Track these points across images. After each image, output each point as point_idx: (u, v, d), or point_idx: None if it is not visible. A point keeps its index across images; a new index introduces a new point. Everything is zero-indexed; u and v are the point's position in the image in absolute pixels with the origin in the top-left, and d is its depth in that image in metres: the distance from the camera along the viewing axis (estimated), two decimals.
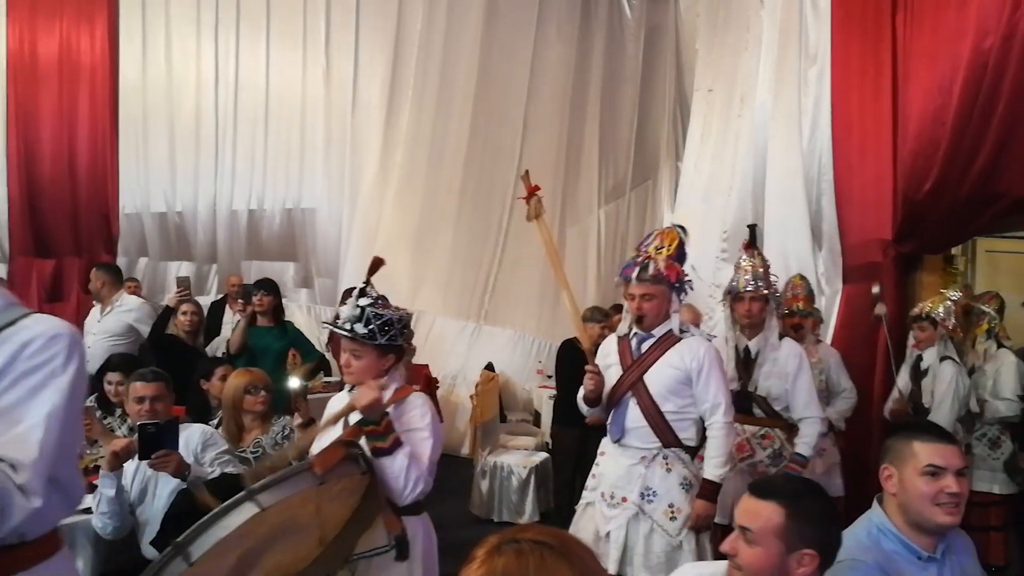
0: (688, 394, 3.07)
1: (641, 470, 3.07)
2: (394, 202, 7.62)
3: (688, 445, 3.12)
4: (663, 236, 3.14)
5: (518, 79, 7.52)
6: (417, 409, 2.53)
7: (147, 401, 3.22)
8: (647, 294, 3.06)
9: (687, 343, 3.09)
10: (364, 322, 2.49)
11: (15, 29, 7.83)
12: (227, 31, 7.92)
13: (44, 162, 7.85)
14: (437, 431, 2.55)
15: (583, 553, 1.07)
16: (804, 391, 3.52)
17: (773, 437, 3.57)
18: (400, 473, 2.37)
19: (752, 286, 3.51)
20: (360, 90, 7.78)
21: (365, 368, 2.52)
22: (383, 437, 2.37)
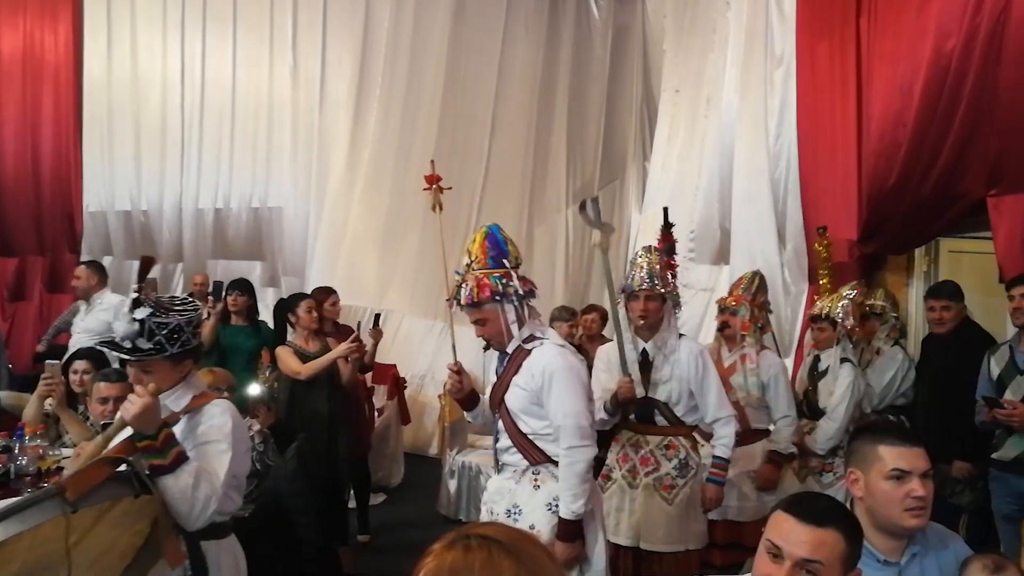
0: (542, 414, 2.78)
1: (511, 485, 2.87)
2: (361, 201, 7.58)
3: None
4: (471, 245, 2.82)
5: (486, 78, 7.52)
6: (216, 419, 2.25)
7: (111, 402, 3.20)
8: (477, 320, 2.78)
9: (533, 358, 2.78)
10: (147, 336, 2.19)
11: None
12: (193, 28, 7.82)
13: (7, 160, 7.73)
14: (241, 443, 2.30)
15: (535, 551, 1.07)
16: (714, 391, 3.32)
17: (677, 447, 3.36)
18: (185, 493, 2.07)
19: (647, 284, 3.27)
20: (327, 88, 7.70)
21: (160, 382, 2.20)
22: (161, 453, 2.06)
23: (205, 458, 2.17)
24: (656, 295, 3.27)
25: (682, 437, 3.38)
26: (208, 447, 2.20)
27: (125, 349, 2.20)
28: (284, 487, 3.55)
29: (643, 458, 3.37)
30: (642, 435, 3.38)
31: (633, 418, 3.41)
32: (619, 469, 3.42)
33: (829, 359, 4.06)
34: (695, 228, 6.02)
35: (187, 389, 2.29)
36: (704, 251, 6.01)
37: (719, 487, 3.33)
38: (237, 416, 2.31)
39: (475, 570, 1.02)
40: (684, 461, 3.34)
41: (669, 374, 3.31)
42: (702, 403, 3.33)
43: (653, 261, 3.34)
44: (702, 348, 3.42)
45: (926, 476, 1.82)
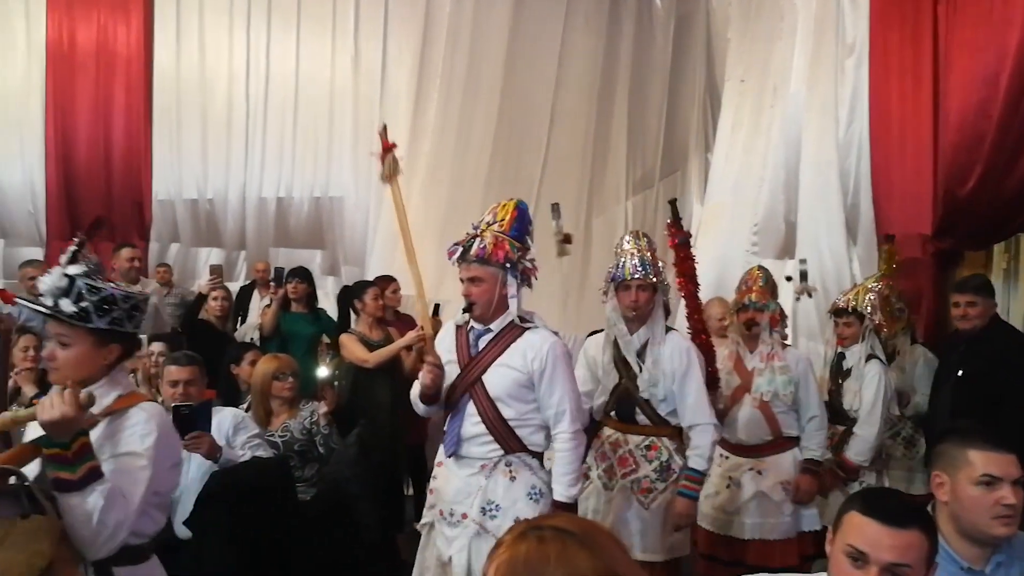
0: (532, 398, 2.67)
1: (481, 481, 2.66)
2: (421, 191, 7.61)
3: (535, 451, 2.72)
4: (497, 209, 2.72)
5: (546, 69, 7.48)
6: (138, 427, 1.91)
7: (181, 385, 3.27)
8: (474, 277, 2.64)
9: (529, 339, 2.66)
10: (74, 297, 1.88)
11: (54, 19, 7.95)
12: (259, 21, 7.95)
13: (80, 149, 7.97)
14: (166, 457, 1.98)
15: (608, 544, 1.06)
16: (693, 393, 3.07)
17: (659, 447, 3.15)
18: (90, 516, 1.73)
19: (640, 273, 3.09)
20: (388, 79, 7.77)
21: (75, 361, 1.92)
22: (71, 466, 1.72)
23: (121, 475, 1.85)
24: (647, 284, 3.09)
25: (666, 438, 3.16)
26: (126, 461, 1.88)
27: (45, 306, 1.90)
28: (344, 472, 3.59)
29: (621, 458, 3.16)
30: (623, 434, 3.19)
31: (614, 415, 3.23)
32: (596, 468, 3.24)
33: (855, 356, 3.79)
34: (759, 221, 5.89)
35: (112, 385, 1.97)
36: (768, 245, 5.88)
37: (690, 502, 3.06)
38: (165, 424, 2.01)
39: (550, 561, 1.00)
40: (666, 464, 3.13)
41: (652, 369, 3.10)
42: (680, 405, 3.10)
43: (644, 248, 3.16)
44: (690, 345, 3.19)
45: (1017, 483, 1.74)
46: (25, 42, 8.07)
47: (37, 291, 1.96)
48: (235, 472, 3.08)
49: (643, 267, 3.09)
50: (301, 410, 3.71)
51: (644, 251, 3.13)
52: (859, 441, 3.70)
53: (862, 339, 3.77)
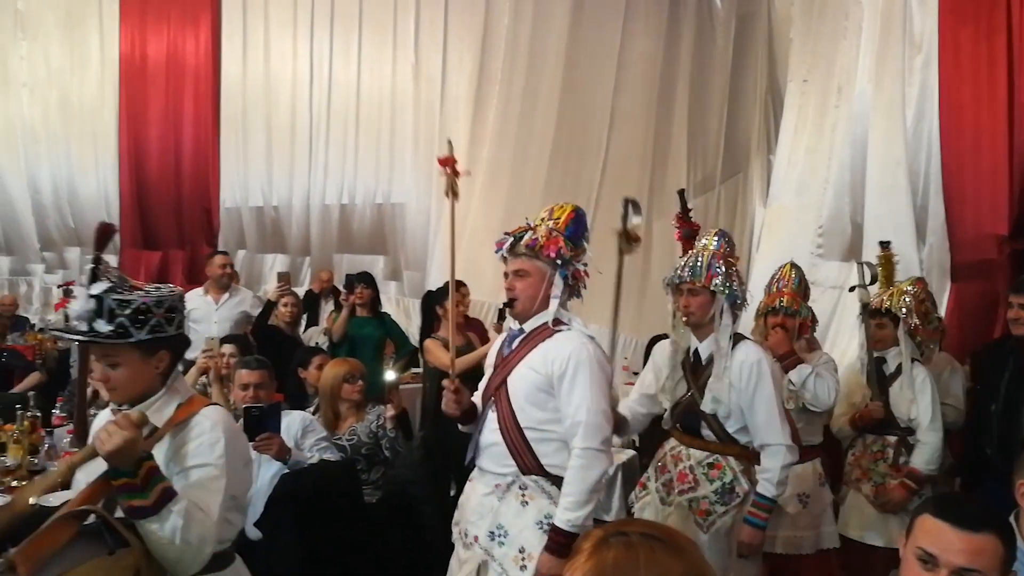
0: (550, 406, 2.42)
1: (493, 502, 2.46)
2: (481, 196, 7.66)
3: (555, 475, 2.43)
4: (554, 208, 2.59)
5: (604, 73, 7.46)
6: (204, 435, 1.86)
7: (251, 388, 3.37)
8: (520, 270, 2.47)
9: (556, 340, 2.44)
10: (107, 316, 1.82)
11: (127, 34, 8.26)
12: (322, 31, 8.13)
13: (152, 159, 8.27)
14: (237, 459, 1.94)
15: (691, 548, 1.06)
16: (764, 409, 2.77)
17: (723, 467, 2.86)
18: (173, 538, 1.69)
19: (687, 276, 2.85)
20: (448, 86, 7.86)
21: (130, 378, 1.88)
22: (142, 492, 1.67)
23: (196, 489, 1.81)
24: (699, 289, 2.83)
25: (732, 457, 2.86)
26: (198, 474, 1.83)
27: (81, 332, 1.84)
28: (409, 475, 3.64)
29: (681, 473, 2.91)
30: (686, 447, 2.94)
31: (679, 426, 3.01)
32: (655, 480, 3.03)
33: (897, 359, 3.54)
34: (824, 223, 5.77)
35: (171, 395, 1.92)
36: (833, 247, 5.76)
37: (756, 531, 2.76)
38: (231, 426, 1.97)
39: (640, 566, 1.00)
40: (728, 486, 2.83)
41: (719, 381, 2.83)
42: (750, 422, 2.81)
43: (710, 249, 2.92)
44: (761, 356, 2.85)
45: None
46: (99, 57, 8.40)
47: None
48: (304, 474, 3.15)
49: (693, 270, 2.85)
50: (367, 413, 3.77)
51: (703, 253, 2.90)
52: (927, 449, 3.45)
53: (901, 342, 3.53)
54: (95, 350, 1.89)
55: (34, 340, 5.85)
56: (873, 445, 3.56)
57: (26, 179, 8.46)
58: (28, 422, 3.50)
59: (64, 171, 8.41)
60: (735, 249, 3.08)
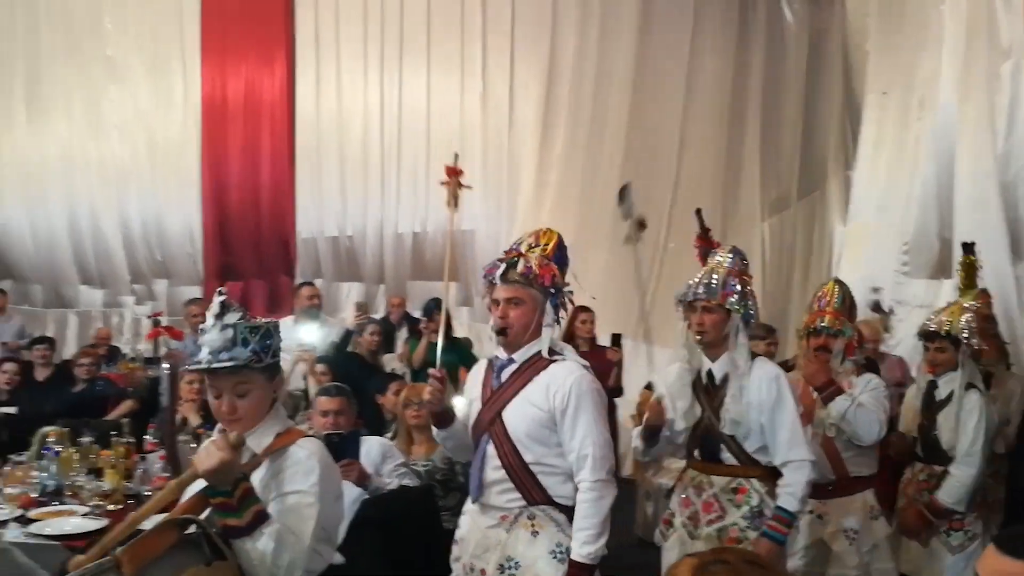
0: (555, 441, 2.38)
1: (501, 534, 2.41)
2: (550, 221, 7.64)
3: (563, 504, 2.40)
4: (539, 235, 2.54)
5: (673, 93, 7.42)
6: (300, 464, 1.92)
7: (331, 415, 3.41)
8: (514, 298, 2.41)
9: (553, 371, 2.40)
10: (242, 343, 1.89)
11: (208, 75, 8.59)
12: (391, 63, 8.30)
13: (232, 192, 8.55)
14: (330, 492, 1.98)
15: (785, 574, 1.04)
16: (787, 426, 2.69)
17: (748, 490, 2.74)
18: (264, 560, 1.77)
19: (702, 294, 2.76)
20: (516, 112, 7.94)
21: (257, 405, 1.95)
22: (237, 513, 1.76)
23: (289, 514, 1.87)
24: (714, 307, 2.74)
25: (755, 479, 2.75)
26: (292, 500, 1.89)
27: (223, 362, 1.89)
28: None
29: (706, 503, 2.79)
30: (706, 475, 2.82)
31: (697, 454, 2.87)
32: (680, 515, 2.88)
33: (950, 385, 3.27)
34: (909, 240, 5.58)
35: (272, 422, 1.99)
36: (920, 264, 5.55)
37: (775, 545, 2.64)
38: (326, 458, 2.01)
39: None
40: (757, 509, 2.72)
41: (738, 402, 2.73)
42: (771, 440, 2.71)
43: (724, 265, 2.82)
44: (779, 372, 2.80)
45: None
46: (183, 98, 8.76)
47: (200, 327, 2.02)
48: (384, 500, 3.17)
49: (707, 288, 2.76)
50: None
51: (717, 269, 2.81)
52: (953, 482, 3.17)
53: (960, 367, 3.26)
54: (223, 382, 1.91)
55: (126, 369, 6.07)
56: (920, 474, 3.36)
57: (117, 215, 8.84)
58: (123, 448, 3.63)
59: (151, 207, 8.76)
60: (748, 267, 2.97)
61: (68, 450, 3.71)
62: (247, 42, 8.55)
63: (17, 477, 3.58)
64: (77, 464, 3.69)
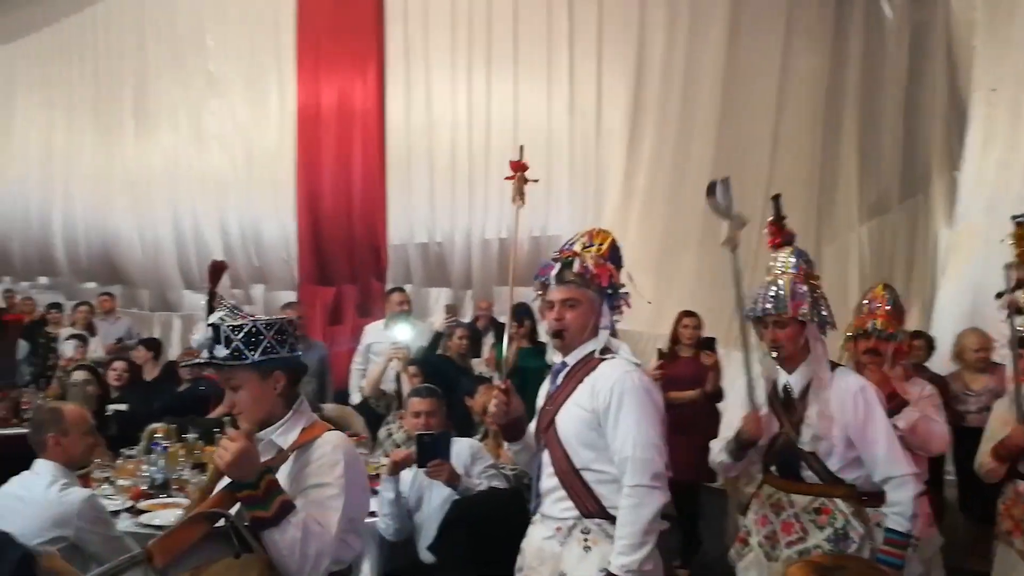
0: (603, 445, 2.27)
1: (555, 547, 2.33)
2: (637, 226, 7.61)
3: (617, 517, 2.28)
4: (593, 234, 2.47)
5: (765, 94, 7.22)
6: (325, 457, 1.97)
7: (423, 415, 3.47)
8: (570, 299, 2.34)
9: (601, 371, 2.31)
10: (224, 342, 1.98)
11: (302, 86, 8.90)
12: (479, 72, 8.39)
13: (325, 200, 8.81)
14: (355, 484, 2.01)
15: None
16: (882, 441, 2.49)
17: (832, 511, 2.56)
18: (292, 550, 1.80)
19: (771, 309, 2.58)
20: (603, 117, 7.89)
21: (251, 400, 2.00)
22: (264, 504, 1.80)
23: (315, 506, 1.92)
24: (786, 320, 2.57)
25: (840, 499, 2.57)
26: (315, 491, 1.94)
27: (204, 359, 2.02)
28: None
29: (785, 523, 2.61)
30: (785, 493, 2.64)
31: (774, 470, 2.70)
32: (757, 534, 2.72)
33: None
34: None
35: (296, 420, 2.04)
36: None
37: (897, 572, 2.45)
38: (351, 451, 2.07)
39: None
40: (841, 531, 2.53)
41: (819, 417, 2.55)
42: (867, 457, 2.52)
43: (788, 272, 2.64)
44: (864, 384, 2.60)
45: None
46: (278, 109, 9.10)
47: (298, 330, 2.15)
48: (474, 501, 3.19)
49: (776, 301, 2.59)
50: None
51: (786, 276, 2.64)
52: None
53: None
54: (221, 377, 2.04)
55: None
56: None
57: (217, 223, 9.24)
58: None
59: (249, 214, 9.12)
60: (814, 266, 2.79)
61: (174, 446, 3.90)
62: (340, 54, 8.81)
63: (128, 470, 3.79)
64: (183, 459, 3.88)
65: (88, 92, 9.92)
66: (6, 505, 2.79)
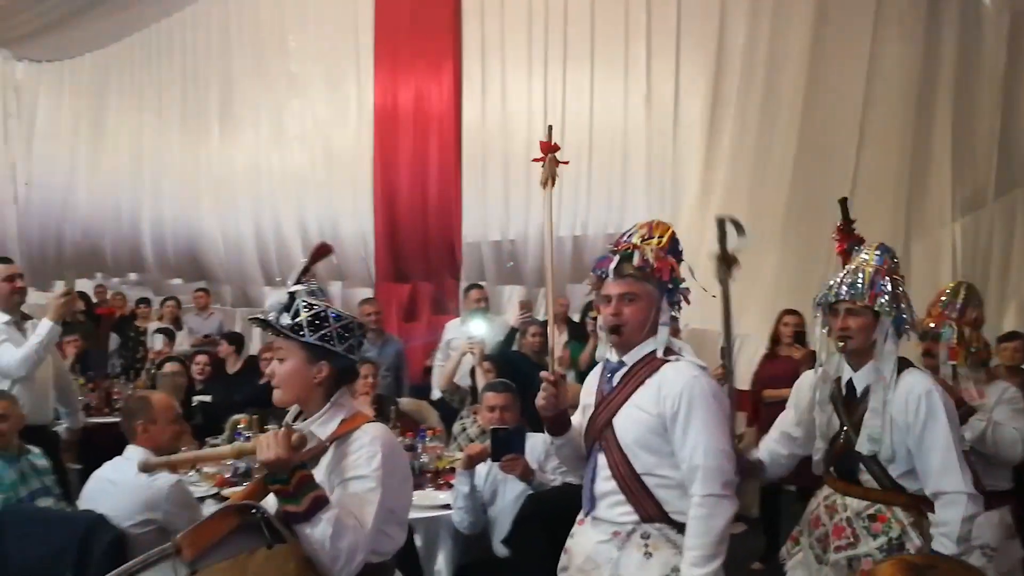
0: (667, 450, 2.20)
1: (612, 552, 2.23)
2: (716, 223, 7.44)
3: (680, 522, 2.20)
4: (652, 226, 2.37)
5: (853, 85, 6.97)
6: (363, 449, 1.93)
7: (497, 410, 3.46)
8: (628, 293, 2.26)
9: (665, 373, 2.22)
10: (292, 313, 1.98)
11: (380, 86, 9.03)
12: (555, 69, 8.36)
13: (402, 199, 8.91)
14: (395, 474, 1.97)
15: None
16: (939, 450, 2.34)
17: (888, 519, 2.43)
18: (323, 544, 1.78)
19: (849, 292, 2.50)
20: (681, 111, 7.77)
21: (288, 375, 1.98)
22: (295, 499, 1.79)
23: (351, 499, 1.90)
24: (860, 309, 2.47)
25: (898, 508, 2.43)
26: (355, 485, 1.91)
27: (267, 318, 2.01)
28: None
29: (837, 526, 2.50)
30: (842, 496, 2.52)
31: (833, 471, 2.60)
32: (809, 535, 2.63)
33: None
34: None
35: (335, 411, 2.02)
36: None
37: None
38: (390, 442, 2.02)
39: None
40: (896, 542, 2.40)
41: (877, 417, 2.43)
42: (921, 466, 2.38)
43: (872, 264, 2.54)
44: (932, 387, 2.43)
45: None
46: (356, 108, 9.25)
47: (375, 325, 2.14)
48: (548, 496, 3.17)
49: (852, 288, 2.50)
50: None
51: (868, 267, 2.53)
52: None
53: None
54: (273, 345, 2.06)
55: None
56: None
57: (297, 221, 9.45)
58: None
59: (327, 213, 9.30)
60: (899, 266, 2.65)
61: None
62: (417, 54, 8.90)
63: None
64: None
65: (176, 94, 10.26)
66: (100, 488, 2.93)
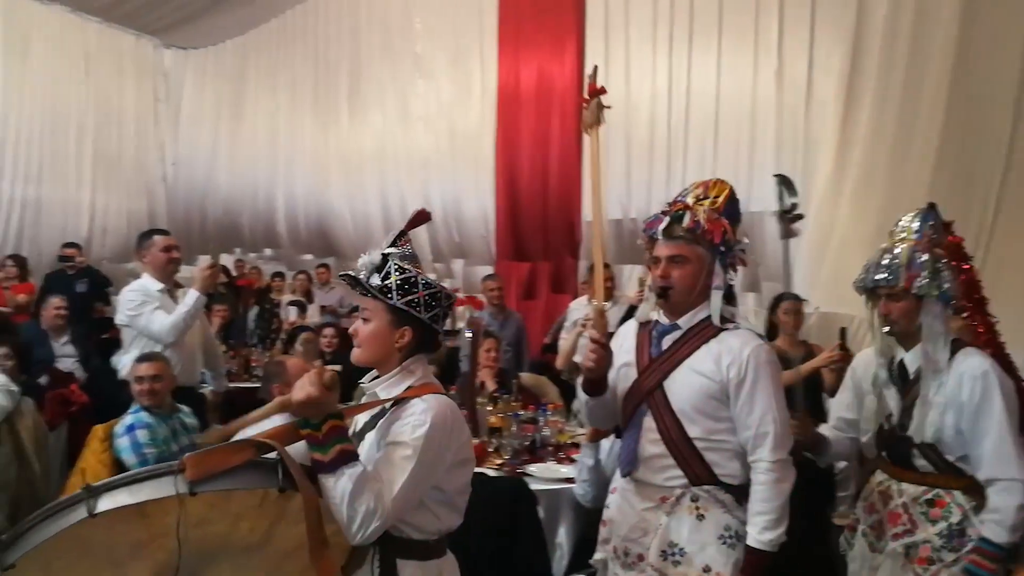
0: (725, 416, 2.19)
1: (661, 518, 2.23)
2: (851, 202, 7.11)
3: (729, 483, 2.22)
4: (709, 186, 2.34)
5: (1008, 56, 6.43)
6: (413, 417, 1.87)
7: None
8: (678, 255, 2.24)
9: (726, 341, 2.21)
10: (383, 275, 1.94)
11: (504, 65, 9.09)
12: (680, 44, 8.18)
13: (523, 178, 8.96)
14: (439, 451, 1.87)
15: None
16: (993, 435, 2.24)
17: (947, 504, 2.34)
18: (341, 500, 1.72)
19: (884, 280, 2.38)
20: (814, 88, 7.45)
21: (372, 336, 1.95)
22: (322, 447, 1.74)
23: (384, 462, 1.83)
24: (899, 293, 2.36)
25: (958, 492, 2.34)
26: (391, 449, 1.85)
27: (359, 277, 1.97)
28: None
29: (892, 513, 2.41)
30: (897, 481, 2.44)
31: (885, 455, 2.50)
32: (863, 522, 2.54)
33: None
34: None
35: (405, 376, 1.98)
36: None
37: None
38: (448, 419, 1.92)
39: None
40: (957, 527, 2.31)
41: (935, 400, 2.32)
42: (974, 450, 2.29)
43: (904, 238, 2.44)
44: (989, 368, 2.31)
45: None
46: (480, 89, 9.35)
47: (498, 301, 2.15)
48: None
49: (891, 270, 2.38)
50: None
51: (905, 243, 2.43)
52: None
53: None
54: (361, 303, 2.01)
55: None
56: None
57: (421, 200, 9.65)
58: None
59: (451, 192, 9.47)
60: (943, 232, 2.53)
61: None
62: (540, 33, 8.90)
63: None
64: None
65: (308, 77, 10.67)
66: None
